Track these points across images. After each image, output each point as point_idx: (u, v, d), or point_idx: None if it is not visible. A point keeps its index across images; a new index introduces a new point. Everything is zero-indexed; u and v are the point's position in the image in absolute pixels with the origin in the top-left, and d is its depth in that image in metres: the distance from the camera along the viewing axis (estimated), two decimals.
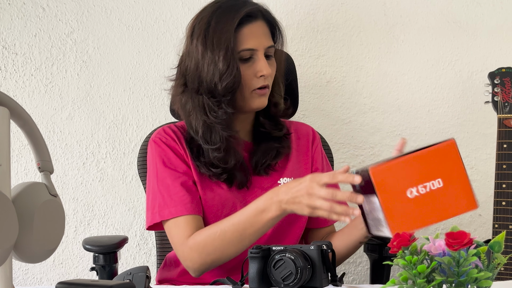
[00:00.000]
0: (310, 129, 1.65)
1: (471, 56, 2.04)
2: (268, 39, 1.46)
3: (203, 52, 1.43)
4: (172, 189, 1.45)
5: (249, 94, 1.45)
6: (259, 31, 1.45)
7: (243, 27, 1.43)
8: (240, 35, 1.43)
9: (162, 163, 1.48)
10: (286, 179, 1.53)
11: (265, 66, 1.43)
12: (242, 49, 1.42)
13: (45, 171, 0.93)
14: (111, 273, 1.42)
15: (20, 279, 2.00)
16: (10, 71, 1.99)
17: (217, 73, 1.41)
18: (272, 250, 1.20)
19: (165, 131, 1.52)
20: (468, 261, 0.84)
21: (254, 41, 1.43)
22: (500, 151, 1.70)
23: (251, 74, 1.44)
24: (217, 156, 1.44)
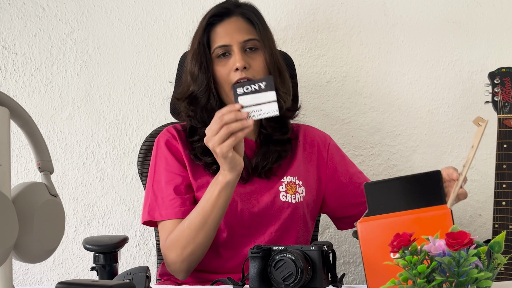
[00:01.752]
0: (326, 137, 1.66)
1: (471, 56, 2.04)
2: (244, 34, 1.49)
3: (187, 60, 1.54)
4: (164, 192, 1.49)
5: (229, 90, 1.46)
6: (231, 27, 1.50)
7: (216, 26, 1.51)
8: (213, 34, 1.50)
9: (161, 165, 1.52)
10: (290, 178, 1.53)
11: (238, 59, 1.46)
12: (215, 47, 1.49)
13: (45, 171, 0.93)
14: (111, 272, 1.42)
15: (20, 279, 2.00)
16: (10, 71, 1.99)
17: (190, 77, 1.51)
18: (272, 250, 1.20)
19: (169, 131, 1.57)
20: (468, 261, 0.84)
21: (226, 37, 1.48)
22: (500, 151, 1.70)
23: (227, 69, 1.48)
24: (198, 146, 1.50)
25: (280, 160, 1.53)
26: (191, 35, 2.00)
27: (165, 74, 2.02)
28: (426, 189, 1.14)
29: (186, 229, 1.40)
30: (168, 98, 1.79)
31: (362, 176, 1.62)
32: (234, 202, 1.47)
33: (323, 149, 1.62)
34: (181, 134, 1.55)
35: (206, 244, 1.42)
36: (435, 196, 1.14)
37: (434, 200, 1.14)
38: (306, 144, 1.61)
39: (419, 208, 1.13)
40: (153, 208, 1.49)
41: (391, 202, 1.14)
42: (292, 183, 1.53)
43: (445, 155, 2.05)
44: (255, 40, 1.50)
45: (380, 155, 2.05)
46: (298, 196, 1.52)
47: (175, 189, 1.48)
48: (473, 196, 2.05)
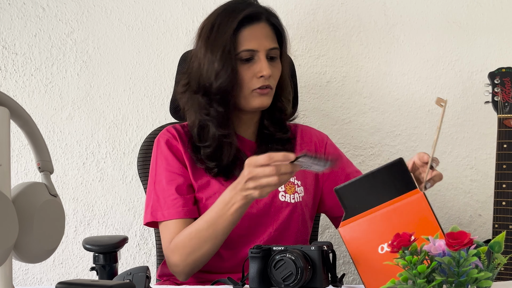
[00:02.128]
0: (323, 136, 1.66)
1: (471, 56, 2.04)
2: (270, 41, 1.49)
3: (205, 53, 1.48)
4: (166, 192, 1.48)
5: (249, 94, 1.47)
6: (260, 32, 1.48)
7: (244, 28, 1.47)
8: (241, 36, 1.46)
9: (161, 165, 1.52)
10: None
11: (265, 67, 1.45)
12: (241, 49, 1.46)
13: (45, 171, 0.93)
14: (111, 273, 1.42)
15: (20, 279, 2.00)
16: (10, 71, 1.99)
17: (213, 73, 1.45)
18: (272, 250, 1.20)
19: (169, 131, 1.56)
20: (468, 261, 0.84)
21: (254, 42, 1.46)
22: (500, 151, 1.70)
23: (251, 74, 1.47)
24: (206, 152, 1.48)
25: None
26: (191, 35, 2.00)
27: (165, 74, 2.02)
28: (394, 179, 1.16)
29: (194, 238, 1.39)
30: (168, 98, 1.79)
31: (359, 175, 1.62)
32: None
33: (321, 148, 1.62)
34: (181, 134, 1.55)
35: (212, 253, 1.41)
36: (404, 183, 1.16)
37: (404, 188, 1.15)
38: (304, 144, 1.61)
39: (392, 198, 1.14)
40: (156, 208, 1.49)
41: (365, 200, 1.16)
42: (291, 183, 1.53)
43: (445, 155, 2.05)
44: (277, 50, 1.51)
45: (380, 155, 2.05)
46: (297, 196, 1.53)
47: (177, 189, 1.48)
48: (473, 196, 2.05)
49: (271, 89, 1.49)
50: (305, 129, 1.66)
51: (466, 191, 2.05)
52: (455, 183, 2.05)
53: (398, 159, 1.18)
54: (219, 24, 1.48)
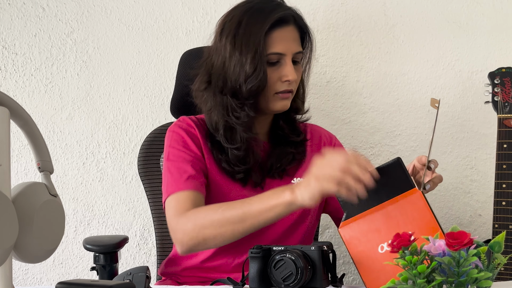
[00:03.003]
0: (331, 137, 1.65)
1: (471, 56, 2.04)
2: (297, 45, 1.47)
3: (231, 52, 1.43)
4: (182, 168, 1.43)
5: (271, 97, 1.46)
6: (289, 36, 1.45)
7: (274, 30, 1.43)
8: (270, 38, 1.43)
9: (176, 147, 1.47)
10: (299, 179, 1.53)
11: (291, 71, 1.43)
12: (270, 52, 1.42)
13: (45, 171, 0.93)
14: (111, 273, 1.42)
15: (20, 279, 2.00)
16: (10, 71, 1.99)
17: (243, 75, 1.41)
18: (272, 250, 1.20)
19: (184, 120, 1.52)
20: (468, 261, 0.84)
21: (283, 45, 1.43)
22: (500, 151, 1.70)
23: (276, 77, 1.44)
24: (237, 155, 1.44)
25: (295, 162, 1.52)
26: (191, 35, 2.02)
27: (165, 74, 2.02)
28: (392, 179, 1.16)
29: (218, 214, 1.31)
30: (168, 98, 1.79)
31: None
32: None
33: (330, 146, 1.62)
34: (198, 125, 1.50)
35: (224, 240, 1.34)
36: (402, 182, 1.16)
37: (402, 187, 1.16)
38: (314, 144, 1.61)
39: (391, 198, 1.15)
40: (170, 185, 1.42)
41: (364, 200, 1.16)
42: None
43: (445, 155, 2.05)
44: (301, 54, 1.49)
45: (380, 155, 2.05)
46: None
47: (195, 167, 1.42)
48: (473, 196, 2.05)
49: (293, 93, 1.48)
50: (314, 128, 1.65)
51: (466, 191, 2.05)
52: (455, 183, 2.05)
53: (395, 159, 1.18)
54: (247, 23, 1.43)
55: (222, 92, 1.45)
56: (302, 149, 1.55)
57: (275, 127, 1.55)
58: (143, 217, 2.02)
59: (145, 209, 2.00)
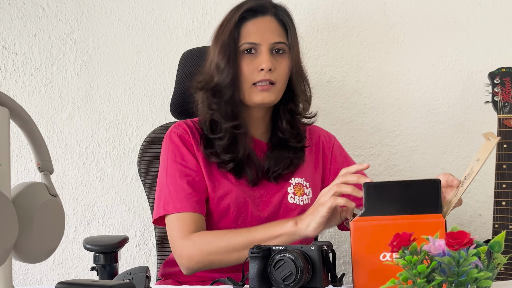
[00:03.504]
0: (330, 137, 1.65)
1: (471, 56, 2.04)
2: (275, 36, 1.47)
3: (212, 49, 1.49)
4: (179, 185, 1.45)
5: (249, 88, 1.46)
6: (264, 26, 1.47)
7: (247, 21, 1.46)
8: (244, 29, 1.46)
9: (173, 158, 1.49)
10: (298, 179, 1.53)
11: (265, 60, 1.44)
12: (243, 42, 1.45)
13: (45, 171, 0.92)
14: (111, 272, 1.42)
15: (20, 279, 2.00)
16: (10, 71, 1.99)
17: (215, 68, 1.46)
18: (272, 250, 1.20)
19: (180, 125, 1.54)
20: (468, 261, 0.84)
21: (256, 35, 1.45)
22: (500, 151, 1.70)
23: (252, 68, 1.45)
24: (221, 144, 1.46)
25: (291, 167, 1.52)
26: (191, 35, 2.02)
27: (165, 74, 2.02)
28: (424, 196, 1.15)
29: (224, 241, 1.36)
30: (168, 98, 1.79)
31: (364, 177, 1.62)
32: (246, 204, 1.46)
33: (328, 149, 1.61)
34: (193, 129, 1.52)
35: (229, 264, 1.39)
36: (432, 204, 1.15)
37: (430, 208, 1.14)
38: (312, 145, 1.61)
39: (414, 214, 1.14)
40: (168, 201, 1.44)
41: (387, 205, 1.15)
42: (300, 185, 1.53)
43: (445, 155, 2.05)
44: (284, 44, 1.48)
45: (380, 155, 2.05)
46: (306, 198, 1.52)
47: (190, 184, 1.45)
48: (473, 196, 2.05)
49: (274, 84, 1.46)
50: (313, 129, 1.65)
51: (466, 191, 2.04)
52: None
53: (435, 179, 1.16)
54: (224, 19, 1.49)
55: (203, 88, 1.49)
56: (300, 155, 1.54)
57: (275, 129, 1.55)
58: (143, 217, 2.02)
59: (145, 209, 2.00)
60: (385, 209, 1.15)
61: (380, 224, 1.13)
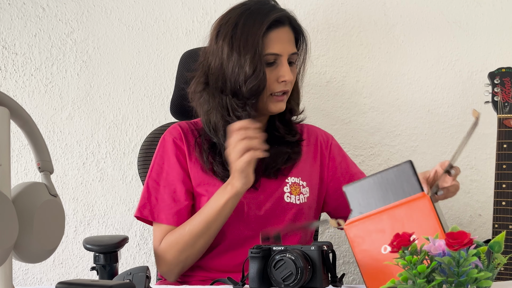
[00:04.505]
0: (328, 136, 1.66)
1: (471, 56, 2.04)
2: (292, 46, 1.49)
3: (229, 53, 1.44)
4: (160, 193, 1.48)
5: (267, 98, 1.48)
6: (285, 37, 1.48)
7: (271, 31, 1.46)
8: (267, 39, 1.45)
9: (162, 165, 1.51)
10: (294, 179, 1.53)
11: (287, 71, 1.46)
12: (267, 53, 1.45)
13: (45, 171, 0.93)
14: (111, 272, 1.42)
15: (20, 279, 2.00)
16: (10, 71, 1.99)
17: (243, 76, 1.43)
18: (272, 250, 1.20)
19: (174, 129, 1.54)
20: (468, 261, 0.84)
21: (279, 46, 1.46)
22: (500, 151, 1.70)
23: (272, 78, 1.47)
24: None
25: (290, 162, 1.53)
26: (191, 35, 2.02)
27: (165, 74, 2.02)
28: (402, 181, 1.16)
29: (186, 234, 1.41)
30: (168, 98, 1.79)
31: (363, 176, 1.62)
32: (241, 203, 1.46)
33: (325, 148, 1.62)
34: (187, 133, 1.53)
35: (203, 249, 1.44)
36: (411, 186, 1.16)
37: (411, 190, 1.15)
38: (310, 144, 1.61)
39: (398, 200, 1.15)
40: (145, 206, 1.49)
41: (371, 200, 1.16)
42: (296, 184, 1.53)
43: (445, 155, 2.05)
44: (296, 54, 1.51)
45: (380, 155, 2.05)
46: (302, 197, 1.52)
47: (173, 196, 1.48)
48: (473, 196, 2.05)
49: (287, 94, 1.51)
50: (310, 129, 1.66)
51: (466, 191, 2.04)
52: None
53: (406, 161, 1.17)
54: (244, 24, 1.44)
55: (223, 92, 1.46)
56: (297, 149, 1.56)
57: (270, 128, 1.56)
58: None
59: None
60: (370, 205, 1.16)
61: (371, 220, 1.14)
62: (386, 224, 1.14)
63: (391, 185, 1.16)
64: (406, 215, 1.13)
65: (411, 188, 1.16)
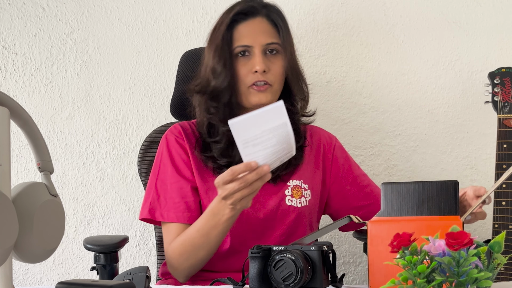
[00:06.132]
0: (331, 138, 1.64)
1: (471, 56, 2.04)
2: (268, 37, 1.47)
3: (206, 52, 1.50)
4: (168, 193, 1.48)
5: (246, 90, 1.47)
6: (256, 28, 1.47)
7: (239, 24, 1.47)
8: (236, 32, 1.47)
9: (167, 163, 1.50)
10: (295, 182, 1.52)
11: (258, 61, 1.44)
12: (236, 45, 1.46)
13: (45, 171, 0.92)
14: (111, 272, 1.42)
15: (20, 279, 2.00)
16: (10, 71, 1.99)
17: (211, 70, 1.46)
18: (272, 250, 1.20)
19: (175, 129, 1.55)
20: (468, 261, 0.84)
21: (248, 38, 1.46)
22: (500, 151, 1.70)
23: (246, 70, 1.46)
24: (219, 148, 1.47)
25: (290, 168, 1.51)
26: (191, 35, 2.02)
27: (165, 74, 2.02)
28: (441, 198, 1.15)
29: (188, 245, 1.40)
30: (168, 98, 1.79)
31: (366, 179, 1.62)
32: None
33: (329, 150, 1.60)
34: (188, 133, 1.53)
35: (207, 258, 1.42)
36: (449, 205, 1.15)
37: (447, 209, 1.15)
38: (313, 145, 1.59)
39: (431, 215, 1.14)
40: (155, 207, 1.48)
41: (405, 205, 1.15)
42: (298, 187, 1.52)
43: (445, 155, 2.05)
44: (276, 44, 1.48)
45: (380, 155, 2.05)
46: (304, 200, 1.51)
47: (180, 192, 1.47)
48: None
49: (270, 85, 1.47)
50: (314, 130, 1.64)
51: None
52: None
53: (454, 181, 1.16)
54: (218, 23, 1.49)
55: (200, 92, 1.50)
56: (299, 155, 1.53)
57: None
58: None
59: None
60: (402, 209, 1.15)
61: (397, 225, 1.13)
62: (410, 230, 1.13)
63: (429, 198, 1.15)
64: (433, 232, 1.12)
65: (448, 208, 1.15)
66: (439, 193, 1.15)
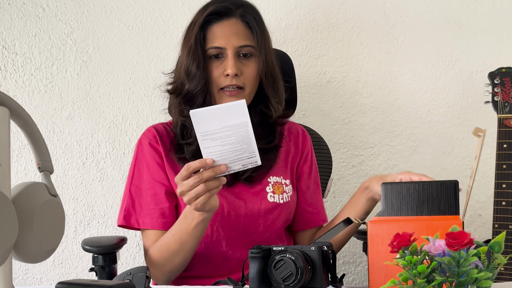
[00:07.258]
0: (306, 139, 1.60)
1: (471, 56, 2.04)
2: (240, 39, 1.43)
3: (180, 53, 1.48)
4: (144, 197, 1.46)
5: (217, 93, 1.44)
6: (228, 29, 1.43)
7: (213, 25, 1.44)
8: (209, 33, 1.44)
9: (141, 168, 1.49)
10: (275, 178, 1.51)
11: (230, 65, 1.41)
12: (209, 47, 1.43)
13: (45, 171, 0.92)
14: (110, 273, 1.42)
15: (20, 279, 2.00)
16: (10, 71, 1.99)
17: (184, 71, 1.44)
18: (272, 250, 1.19)
19: (150, 131, 1.53)
20: (468, 261, 0.84)
21: (221, 39, 1.42)
22: (500, 151, 1.70)
23: (219, 72, 1.43)
24: (190, 150, 1.45)
25: (261, 169, 1.46)
26: None
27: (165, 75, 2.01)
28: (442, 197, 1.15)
29: (164, 251, 1.40)
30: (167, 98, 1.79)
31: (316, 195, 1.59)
32: (220, 205, 1.42)
33: (302, 149, 1.58)
34: (163, 134, 1.51)
35: (185, 263, 1.41)
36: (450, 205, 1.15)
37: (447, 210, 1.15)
38: (291, 142, 1.57)
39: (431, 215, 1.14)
40: (130, 213, 1.47)
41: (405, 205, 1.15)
42: (279, 183, 1.50)
43: (445, 155, 2.05)
44: (250, 47, 1.44)
45: (380, 155, 2.05)
46: (286, 196, 1.50)
47: (155, 198, 1.45)
48: (473, 196, 2.05)
49: (242, 89, 1.44)
50: (292, 126, 1.60)
51: (466, 191, 2.04)
52: None
53: (454, 181, 1.17)
54: (192, 23, 1.47)
55: (174, 93, 1.48)
56: (271, 156, 1.50)
57: None
58: None
59: None
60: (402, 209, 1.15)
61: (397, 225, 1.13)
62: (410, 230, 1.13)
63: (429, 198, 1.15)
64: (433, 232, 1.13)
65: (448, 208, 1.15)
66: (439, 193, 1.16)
